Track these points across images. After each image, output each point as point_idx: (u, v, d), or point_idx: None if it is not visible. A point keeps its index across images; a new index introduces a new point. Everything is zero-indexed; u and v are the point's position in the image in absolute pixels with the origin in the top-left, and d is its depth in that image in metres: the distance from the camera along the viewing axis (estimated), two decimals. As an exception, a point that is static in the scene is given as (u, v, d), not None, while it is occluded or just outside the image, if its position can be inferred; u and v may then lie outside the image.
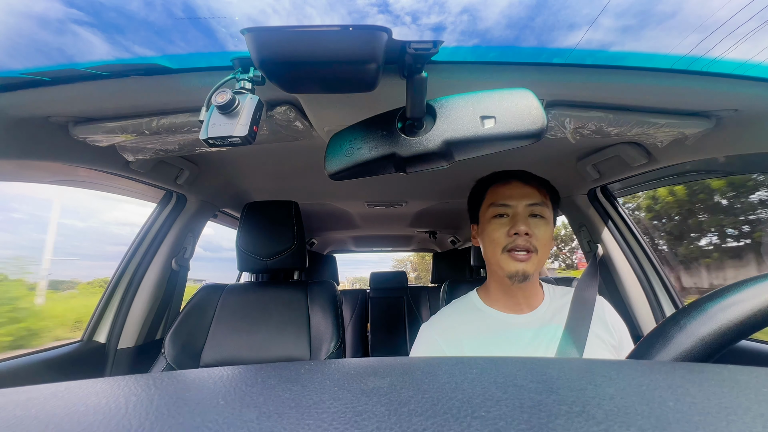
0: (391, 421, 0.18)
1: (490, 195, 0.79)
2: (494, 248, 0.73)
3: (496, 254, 0.73)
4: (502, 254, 0.72)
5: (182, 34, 0.53)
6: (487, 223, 0.76)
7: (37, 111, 0.68)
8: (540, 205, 0.74)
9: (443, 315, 0.82)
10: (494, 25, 0.51)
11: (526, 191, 0.75)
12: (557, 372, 0.25)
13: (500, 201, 0.75)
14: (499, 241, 0.72)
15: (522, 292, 0.76)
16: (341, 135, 0.52)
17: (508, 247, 0.71)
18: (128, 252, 1.24)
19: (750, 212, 6.06)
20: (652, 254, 1.19)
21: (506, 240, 0.72)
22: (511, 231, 0.71)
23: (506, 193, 0.75)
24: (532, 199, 0.74)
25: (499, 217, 0.75)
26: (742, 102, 0.66)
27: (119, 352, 1.16)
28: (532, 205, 0.74)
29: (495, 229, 0.74)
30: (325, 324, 1.05)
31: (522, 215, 0.73)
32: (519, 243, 0.70)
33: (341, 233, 2.68)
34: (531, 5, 0.52)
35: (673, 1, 0.59)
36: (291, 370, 0.28)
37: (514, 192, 0.75)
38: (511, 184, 0.77)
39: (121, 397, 0.22)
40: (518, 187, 0.76)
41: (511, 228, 0.71)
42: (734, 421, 0.17)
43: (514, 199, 0.74)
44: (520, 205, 0.73)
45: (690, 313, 0.31)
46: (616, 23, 0.52)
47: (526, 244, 0.70)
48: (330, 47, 0.40)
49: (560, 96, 0.66)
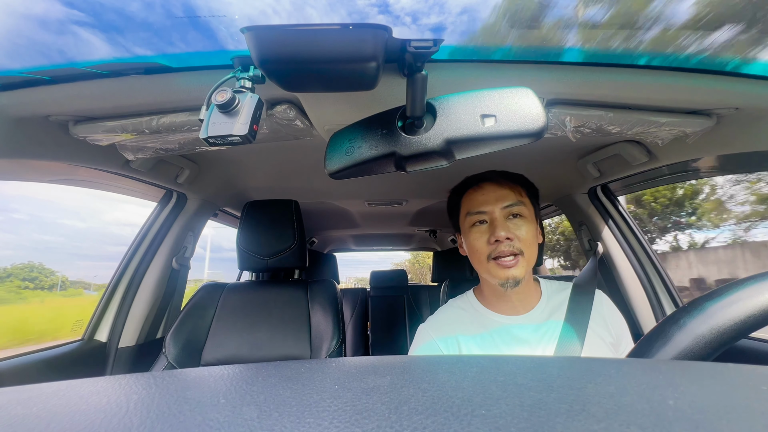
0: (392, 419, 0.18)
1: (465, 203, 0.77)
2: (479, 257, 0.72)
3: (483, 263, 0.72)
4: (488, 263, 0.70)
5: (182, 33, 0.53)
6: (468, 233, 0.74)
7: (37, 110, 0.68)
8: (517, 204, 0.72)
9: (441, 315, 0.82)
10: (494, 24, 0.51)
11: (499, 194, 0.73)
12: (557, 370, 0.25)
13: (475, 209, 0.73)
14: (482, 251, 0.71)
15: (516, 296, 0.74)
16: (341, 134, 0.51)
17: (493, 255, 0.70)
18: (129, 251, 1.24)
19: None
20: (653, 253, 1.19)
21: (489, 248, 0.70)
22: (491, 239, 0.69)
23: (480, 199, 0.74)
24: (506, 201, 0.72)
25: (478, 224, 0.73)
26: (742, 100, 0.66)
27: (120, 351, 1.16)
28: (508, 207, 0.72)
29: (476, 238, 0.72)
30: (326, 323, 1.06)
31: (500, 219, 0.71)
32: (503, 250, 0.68)
33: (341, 232, 2.68)
34: (531, 4, 0.52)
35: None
36: (291, 369, 0.28)
37: (488, 197, 0.73)
38: (484, 188, 0.75)
39: (122, 396, 0.22)
40: (492, 191, 0.74)
41: (491, 236, 0.70)
42: (734, 419, 0.17)
43: (489, 204, 0.72)
44: (496, 210, 0.72)
45: (690, 311, 0.31)
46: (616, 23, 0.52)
47: (510, 249, 0.68)
48: (330, 46, 0.40)
49: (560, 94, 0.65)
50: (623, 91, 0.64)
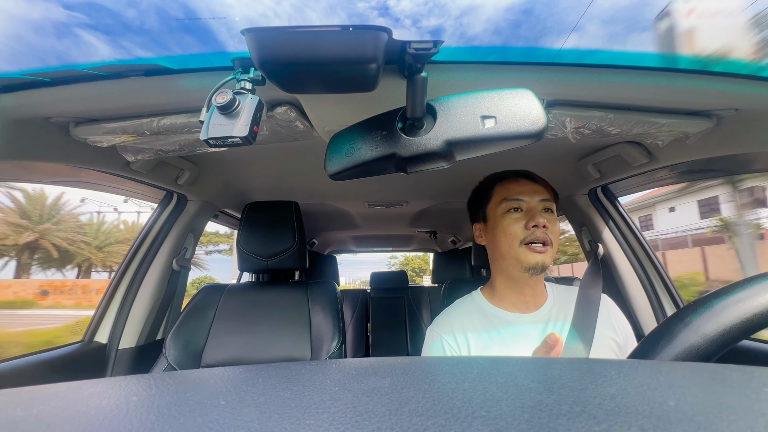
0: (392, 420, 0.18)
1: (499, 191, 0.80)
2: (511, 242, 0.74)
3: (514, 247, 0.74)
4: (520, 247, 0.73)
5: (183, 35, 0.53)
6: (501, 218, 0.77)
7: (37, 112, 0.68)
8: (550, 200, 0.77)
9: (449, 315, 0.82)
10: (494, 25, 0.52)
11: (536, 188, 0.77)
12: (558, 372, 0.25)
13: (513, 196, 0.77)
14: (517, 235, 0.73)
15: (531, 289, 0.76)
16: (341, 135, 0.52)
17: (527, 240, 0.72)
18: (129, 252, 1.24)
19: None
20: (653, 254, 1.19)
21: (524, 233, 0.73)
22: (529, 224, 0.72)
23: (518, 189, 0.77)
24: (543, 195, 0.76)
25: (514, 211, 0.76)
26: (743, 101, 0.66)
27: (120, 352, 1.16)
28: (543, 201, 0.76)
29: (511, 223, 0.75)
30: (326, 324, 1.05)
31: (537, 209, 0.74)
32: (538, 235, 0.71)
33: (342, 233, 2.68)
34: (531, 6, 0.52)
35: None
36: (292, 370, 0.28)
37: (525, 188, 0.77)
38: (521, 181, 0.79)
39: (122, 398, 0.22)
40: (528, 184, 0.78)
41: (528, 221, 0.73)
42: (735, 420, 0.17)
43: (527, 195, 0.76)
44: (534, 200, 0.75)
45: (696, 309, 0.31)
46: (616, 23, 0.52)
47: (545, 236, 0.72)
48: (330, 47, 0.40)
49: (560, 95, 0.65)
50: (623, 92, 0.64)
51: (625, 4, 1.30)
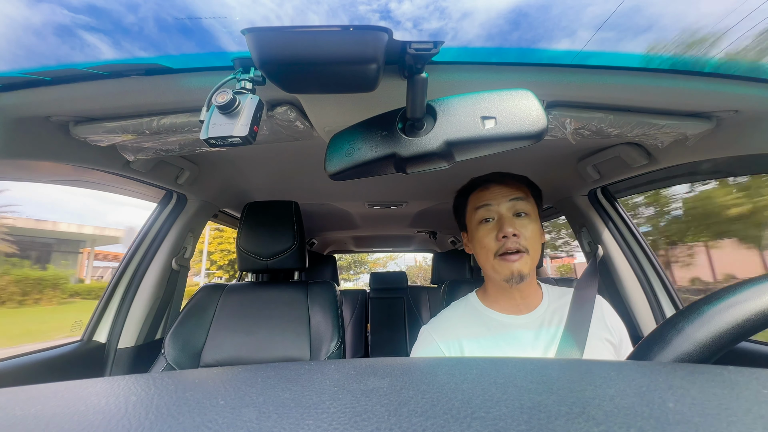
0: (391, 421, 0.18)
1: (472, 200, 0.81)
2: (486, 254, 0.75)
3: (489, 260, 0.74)
4: (494, 259, 0.73)
5: (183, 34, 0.53)
6: (475, 230, 0.77)
7: (37, 111, 0.68)
8: (521, 199, 0.75)
9: (443, 317, 0.82)
10: (495, 27, 0.52)
11: (504, 190, 0.77)
12: (557, 373, 0.25)
13: (482, 203, 0.77)
14: (490, 247, 0.73)
15: (520, 294, 0.76)
16: (342, 135, 0.51)
17: (500, 252, 0.72)
18: (128, 252, 1.24)
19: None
20: (653, 255, 1.19)
21: (496, 245, 0.73)
22: (499, 235, 0.72)
23: (486, 196, 0.77)
24: (513, 194, 0.75)
25: (485, 222, 0.76)
26: (742, 103, 0.66)
27: (119, 351, 1.16)
28: (514, 200, 0.75)
29: (483, 235, 0.75)
30: (326, 324, 1.05)
31: (507, 216, 0.74)
32: (509, 246, 0.71)
33: (341, 233, 2.68)
34: (532, 8, 0.52)
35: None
36: (291, 370, 0.28)
37: (494, 193, 0.77)
38: (490, 187, 0.79)
39: (121, 397, 0.22)
40: (497, 188, 0.78)
41: (498, 232, 0.72)
42: (734, 422, 0.17)
43: (495, 200, 0.76)
44: (503, 204, 0.75)
45: (687, 316, 0.31)
46: (616, 25, 0.52)
47: (516, 246, 0.71)
48: (331, 47, 0.40)
49: (561, 96, 0.66)
50: (623, 93, 0.64)
51: (625, 7, 1.29)
